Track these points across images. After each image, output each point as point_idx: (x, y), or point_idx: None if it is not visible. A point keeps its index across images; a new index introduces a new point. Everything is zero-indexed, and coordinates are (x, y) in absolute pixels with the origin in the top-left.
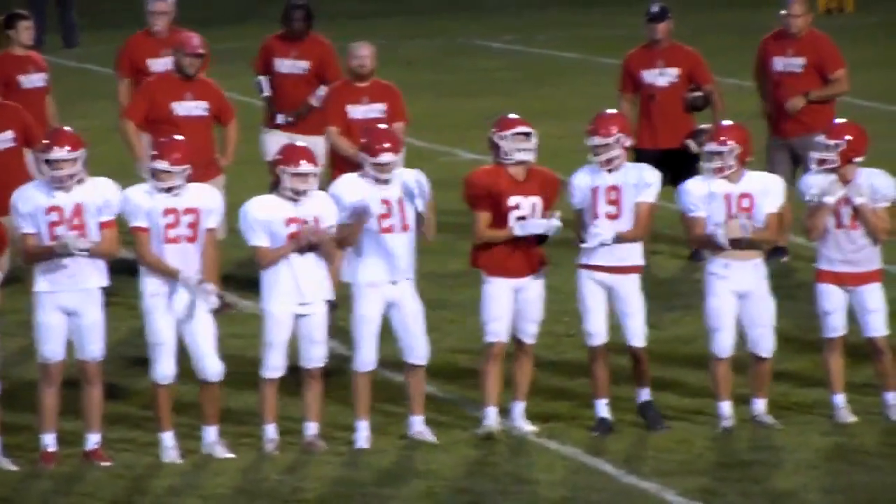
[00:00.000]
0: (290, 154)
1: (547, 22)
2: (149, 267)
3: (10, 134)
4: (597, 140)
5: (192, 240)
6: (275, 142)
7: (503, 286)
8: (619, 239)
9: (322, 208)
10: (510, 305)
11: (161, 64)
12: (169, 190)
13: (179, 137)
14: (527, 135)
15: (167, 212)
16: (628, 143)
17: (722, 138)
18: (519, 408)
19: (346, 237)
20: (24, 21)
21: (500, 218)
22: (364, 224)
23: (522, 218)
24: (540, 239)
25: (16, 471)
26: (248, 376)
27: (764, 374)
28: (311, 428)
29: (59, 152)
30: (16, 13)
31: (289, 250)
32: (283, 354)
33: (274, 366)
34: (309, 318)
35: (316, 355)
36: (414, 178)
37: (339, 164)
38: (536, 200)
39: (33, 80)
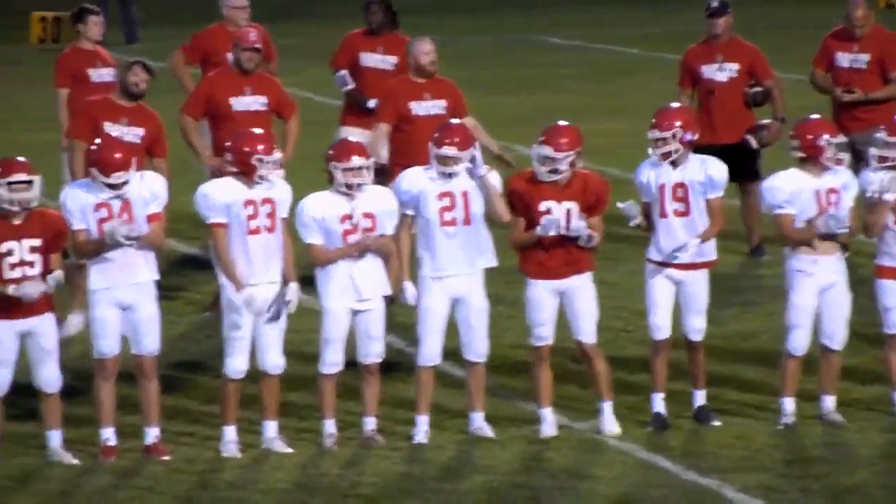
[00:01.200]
0: (341, 149)
1: (607, 18)
2: (222, 266)
3: (140, 131)
4: (655, 133)
5: (271, 230)
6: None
7: (544, 288)
8: (704, 239)
9: (378, 203)
10: (553, 307)
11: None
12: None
13: (259, 130)
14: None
15: (247, 203)
16: (689, 137)
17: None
18: (607, 408)
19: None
20: (94, 16)
21: (533, 222)
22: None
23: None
24: (581, 241)
25: (77, 465)
26: (307, 372)
27: (834, 369)
28: (370, 423)
29: (124, 175)
30: (86, 7)
31: (344, 254)
32: (341, 350)
33: (332, 361)
34: (366, 314)
35: (374, 351)
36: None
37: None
38: (571, 206)
39: (102, 74)
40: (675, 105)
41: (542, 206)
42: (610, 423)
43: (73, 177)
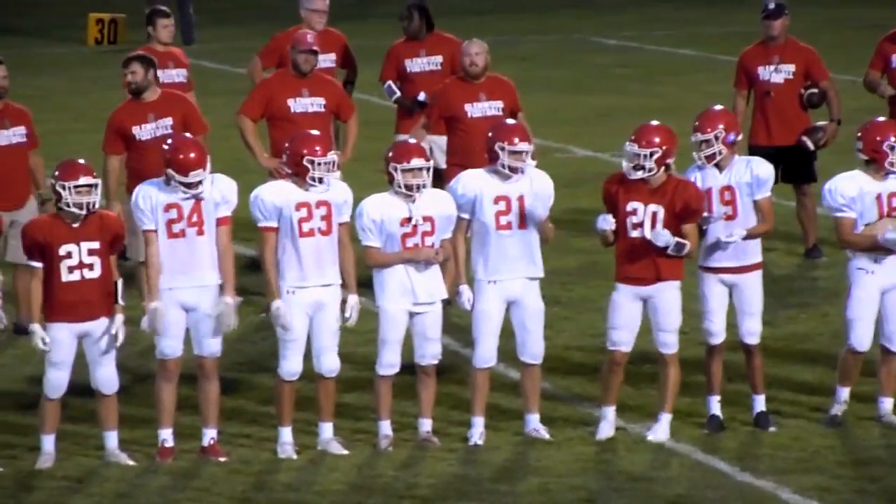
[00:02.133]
0: (401, 150)
1: (662, 18)
2: (265, 271)
3: (168, 121)
4: (697, 136)
5: (326, 233)
6: (439, 146)
7: (627, 294)
8: (751, 235)
9: (437, 206)
10: (635, 314)
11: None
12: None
13: (315, 132)
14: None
15: (299, 205)
16: (732, 138)
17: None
18: (664, 419)
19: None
20: (163, 19)
21: (620, 223)
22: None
23: (640, 225)
24: (669, 250)
25: (134, 466)
26: (363, 373)
27: (894, 372)
28: (425, 424)
29: (199, 174)
30: (157, 9)
31: (401, 260)
32: (398, 351)
33: (389, 363)
34: (424, 316)
35: (430, 352)
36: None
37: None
38: (657, 209)
39: (172, 75)
40: (717, 107)
41: (629, 206)
42: (661, 432)
43: (108, 192)
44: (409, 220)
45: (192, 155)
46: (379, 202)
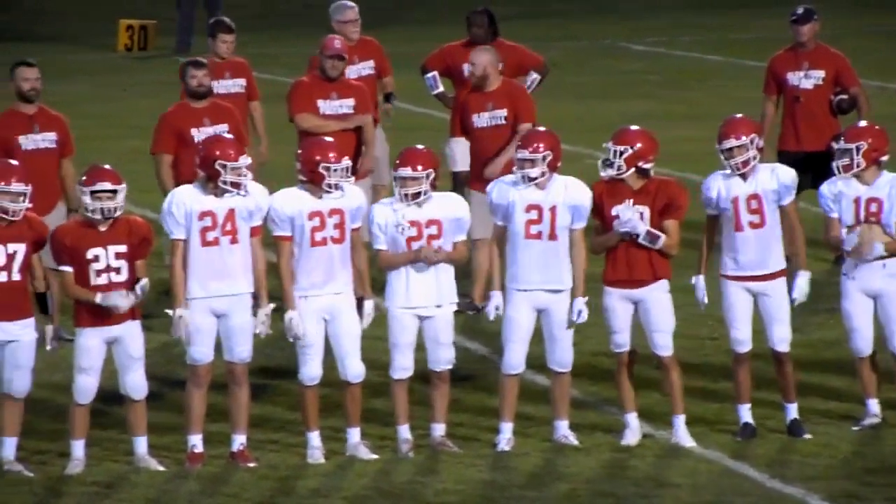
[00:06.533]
0: (398, 158)
1: (690, 24)
2: (281, 280)
3: (224, 127)
4: (732, 142)
5: (339, 241)
6: (461, 150)
7: (616, 297)
8: (797, 256)
9: (445, 209)
10: (628, 314)
11: (354, 71)
12: (333, 189)
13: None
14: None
15: (312, 215)
16: (761, 144)
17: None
18: (678, 422)
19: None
20: (224, 34)
21: (608, 226)
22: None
23: (623, 215)
24: (640, 239)
25: (163, 471)
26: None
27: None
28: (438, 429)
29: (243, 160)
30: (220, 22)
31: (406, 261)
32: (410, 355)
33: (401, 366)
34: (433, 321)
35: (443, 357)
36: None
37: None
38: (643, 210)
39: (227, 85)
40: (740, 116)
41: (615, 210)
42: (682, 435)
43: (165, 190)
44: (415, 223)
45: (233, 143)
46: (385, 207)
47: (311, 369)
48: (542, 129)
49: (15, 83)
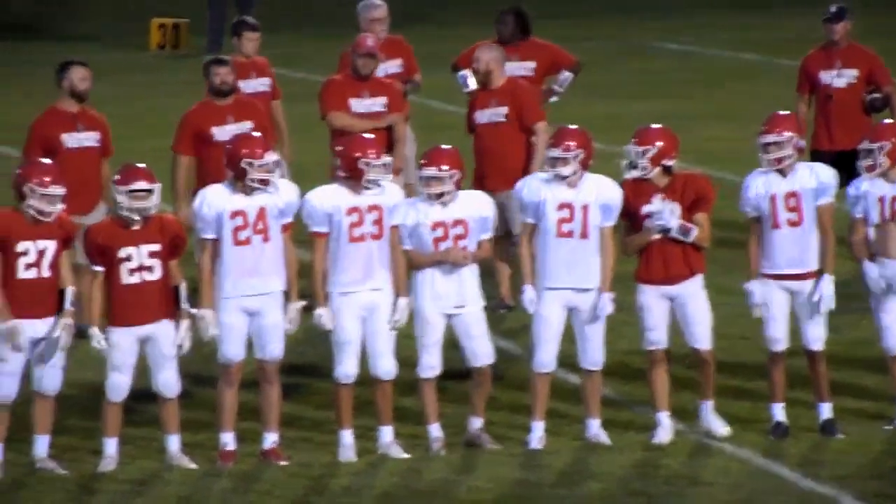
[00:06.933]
0: (424, 156)
1: (722, 23)
2: (313, 276)
3: (248, 124)
4: (770, 138)
5: (377, 237)
6: None
7: (651, 294)
8: (829, 265)
9: (470, 208)
10: (663, 312)
11: (381, 69)
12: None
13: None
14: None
15: (350, 210)
16: (801, 143)
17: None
18: (706, 408)
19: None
20: (249, 32)
21: (637, 226)
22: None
23: (656, 214)
24: (673, 233)
25: (195, 469)
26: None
27: None
28: (476, 422)
29: (269, 156)
30: (244, 21)
31: (432, 261)
32: (437, 354)
33: (429, 365)
34: (462, 318)
35: (480, 351)
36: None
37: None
38: (672, 206)
39: (254, 85)
40: (786, 112)
41: (645, 209)
42: (716, 423)
43: (177, 194)
44: (440, 224)
45: (259, 140)
46: (410, 207)
47: (347, 367)
48: (573, 126)
49: (68, 81)
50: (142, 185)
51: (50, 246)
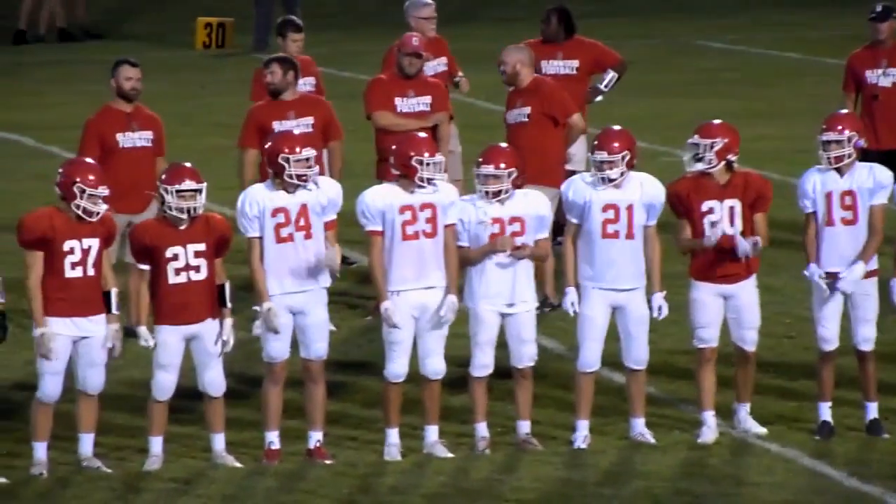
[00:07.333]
0: (482, 155)
1: (768, 22)
2: (372, 273)
3: (309, 120)
4: (831, 136)
5: (431, 235)
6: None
7: (709, 292)
8: (866, 259)
9: (527, 206)
10: (718, 311)
11: (430, 68)
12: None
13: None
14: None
15: (403, 209)
16: (861, 143)
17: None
18: (743, 410)
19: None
20: (294, 33)
21: (697, 223)
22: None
23: (717, 222)
24: (741, 253)
25: (240, 467)
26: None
27: None
28: (524, 426)
29: (307, 152)
30: (289, 21)
31: (483, 253)
32: (491, 353)
33: (482, 364)
34: (515, 318)
35: (526, 354)
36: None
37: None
38: (734, 203)
39: (299, 83)
40: (846, 111)
41: (704, 206)
42: (754, 425)
43: (243, 186)
44: (498, 220)
45: (296, 136)
46: (466, 204)
47: (398, 367)
48: (616, 127)
49: (116, 80)
50: (189, 184)
51: (94, 244)
